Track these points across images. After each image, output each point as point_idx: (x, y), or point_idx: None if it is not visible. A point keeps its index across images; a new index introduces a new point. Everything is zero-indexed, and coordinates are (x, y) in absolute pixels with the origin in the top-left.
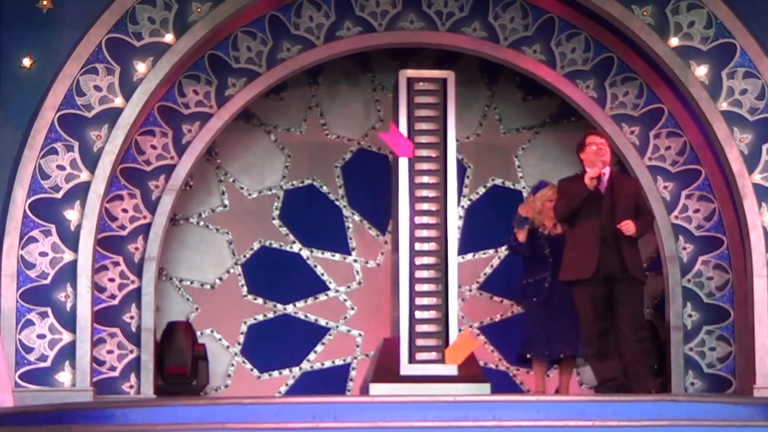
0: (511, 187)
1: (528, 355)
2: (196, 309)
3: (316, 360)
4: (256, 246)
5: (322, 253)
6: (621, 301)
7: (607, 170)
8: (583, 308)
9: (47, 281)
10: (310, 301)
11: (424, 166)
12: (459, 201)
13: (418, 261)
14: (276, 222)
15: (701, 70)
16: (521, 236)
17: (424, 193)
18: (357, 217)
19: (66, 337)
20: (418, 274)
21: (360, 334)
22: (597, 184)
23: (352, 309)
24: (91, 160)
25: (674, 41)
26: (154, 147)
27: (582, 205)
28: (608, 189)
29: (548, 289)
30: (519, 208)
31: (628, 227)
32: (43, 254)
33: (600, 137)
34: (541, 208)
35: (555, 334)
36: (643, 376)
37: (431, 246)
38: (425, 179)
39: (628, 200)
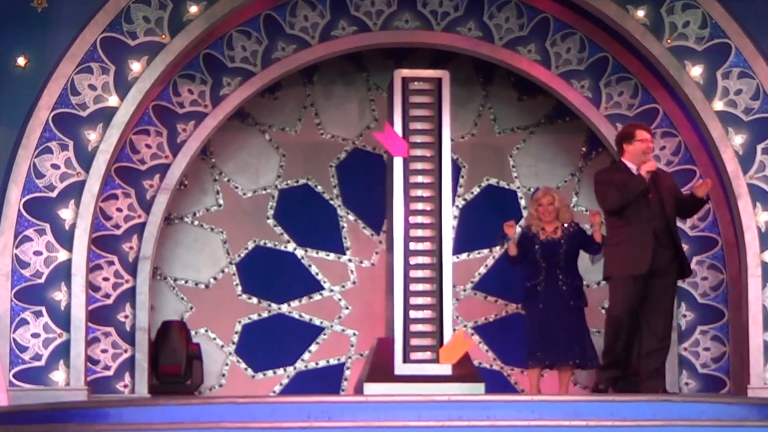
0: (506, 187)
1: (538, 354)
2: (191, 308)
3: (310, 359)
4: (250, 245)
5: (317, 253)
6: (657, 296)
7: None
8: (620, 304)
9: (42, 280)
10: (304, 300)
11: (419, 165)
12: (454, 201)
13: (413, 261)
14: (271, 221)
15: (696, 70)
16: (511, 251)
17: (419, 192)
18: (351, 217)
19: (60, 336)
20: (413, 273)
21: (354, 334)
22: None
23: (347, 308)
24: (85, 159)
25: (669, 41)
26: (148, 146)
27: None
28: (651, 184)
29: (543, 294)
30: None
31: (705, 186)
32: (37, 253)
33: (650, 133)
34: (536, 214)
35: (560, 340)
36: (659, 374)
37: (426, 246)
38: (420, 179)
39: (671, 195)
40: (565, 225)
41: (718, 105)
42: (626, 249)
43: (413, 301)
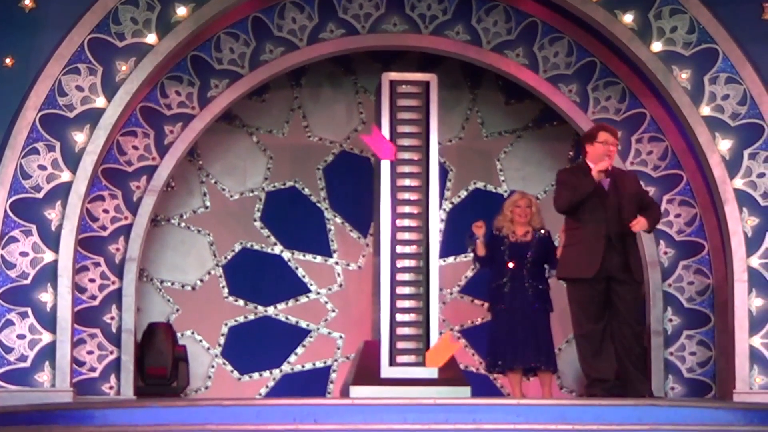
0: (493, 190)
1: (499, 362)
2: (177, 310)
3: (296, 362)
4: (237, 247)
5: (304, 255)
6: (621, 302)
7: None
8: (576, 307)
9: (27, 281)
10: (291, 303)
11: (406, 168)
12: (441, 204)
13: (400, 264)
14: (258, 224)
15: (683, 75)
16: (479, 251)
17: (406, 195)
18: (339, 220)
19: (46, 337)
20: (400, 276)
21: (341, 337)
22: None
23: (333, 311)
24: (72, 161)
25: (657, 46)
26: (135, 148)
27: (585, 200)
28: (612, 186)
29: (508, 295)
30: (495, 220)
31: (641, 224)
32: (23, 254)
33: (614, 137)
34: (511, 215)
35: (520, 342)
36: (638, 379)
37: (413, 249)
38: (407, 182)
39: (632, 197)
40: (536, 230)
41: (705, 110)
42: (577, 251)
43: (400, 304)
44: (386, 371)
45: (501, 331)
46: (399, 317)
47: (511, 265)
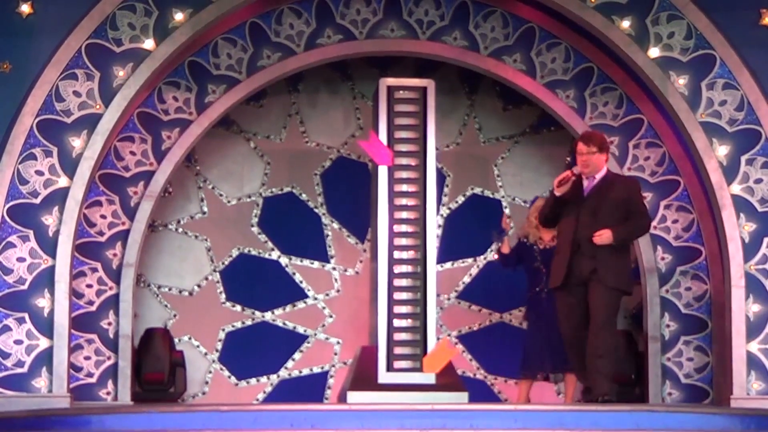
0: (491, 196)
1: (531, 367)
2: (174, 316)
3: (294, 368)
4: (234, 253)
5: (301, 261)
6: (591, 306)
7: (600, 174)
8: (559, 315)
9: (25, 287)
10: (288, 308)
11: (404, 174)
12: (438, 209)
13: (397, 269)
14: (255, 229)
15: (681, 81)
16: (504, 248)
17: (404, 201)
18: (336, 225)
19: (43, 342)
20: (397, 282)
21: (338, 342)
22: (567, 189)
23: (331, 317)
24: (69, 166)
25: (654, 52)
26: (133, 153)
27: (556, 210)
28: (594, 192)
29: (546, 300)
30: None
31: (603, 237)
32: (20, 260)
33: (584, 145)
34: (536, 222)
35: (551, 346)
36: (594, 381)
37: (410, 254)
38: (404, 188)
39: (616, 204)
40: None
41: (703, 116)
42: (554, 261)
43: (397, 309)
44: (383, 377)
45: (537, 340)
46: (396, 323)
47: (544, 270)
